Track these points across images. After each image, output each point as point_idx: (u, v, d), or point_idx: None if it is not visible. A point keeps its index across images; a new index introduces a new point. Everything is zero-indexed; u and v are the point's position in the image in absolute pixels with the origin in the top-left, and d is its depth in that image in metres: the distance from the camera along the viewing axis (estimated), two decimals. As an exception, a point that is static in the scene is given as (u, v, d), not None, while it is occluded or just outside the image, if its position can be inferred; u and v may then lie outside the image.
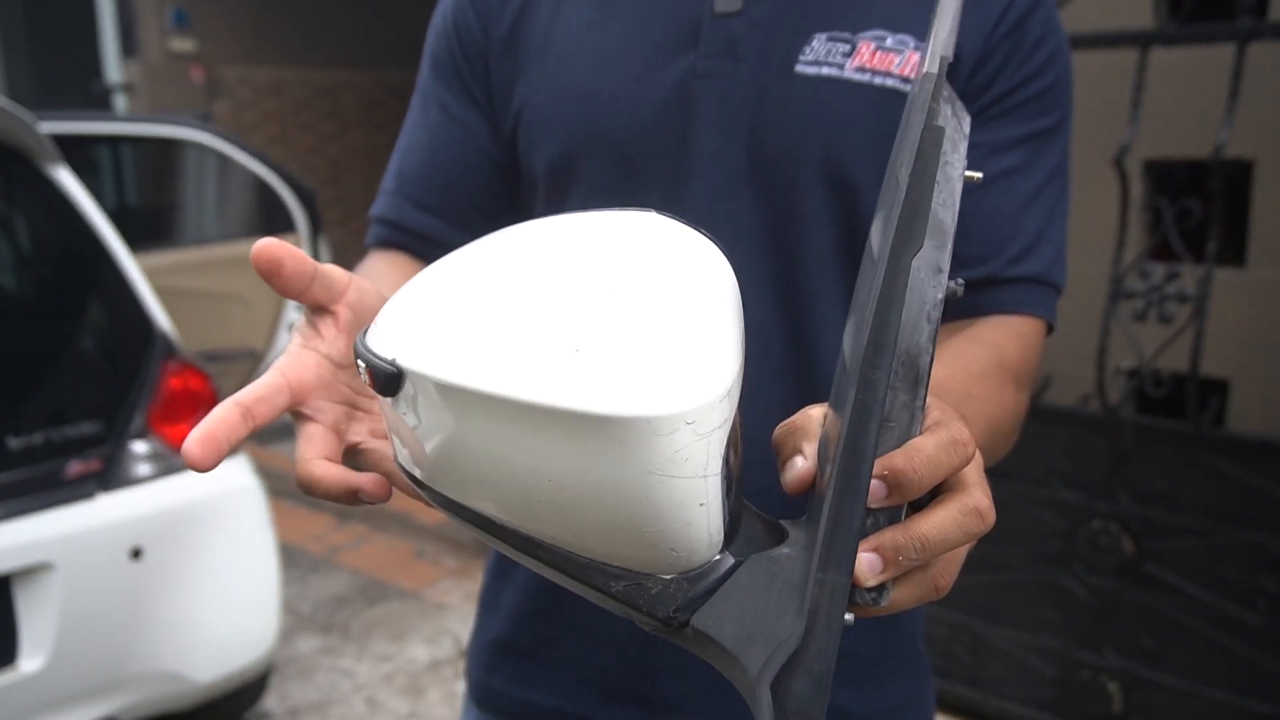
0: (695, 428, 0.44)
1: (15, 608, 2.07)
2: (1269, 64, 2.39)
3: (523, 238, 0.52)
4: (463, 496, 0.49)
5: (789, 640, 0.44)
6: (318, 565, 3.87)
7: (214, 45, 5.78)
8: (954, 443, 0.49)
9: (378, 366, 0.47)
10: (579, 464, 0.44)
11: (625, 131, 0.87)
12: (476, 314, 0.47)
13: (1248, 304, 2.57)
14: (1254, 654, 2.31)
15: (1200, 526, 2.35)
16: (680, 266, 0.49)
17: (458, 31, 0.95)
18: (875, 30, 0.83)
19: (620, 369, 0.43)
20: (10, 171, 2.39)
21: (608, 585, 0.48)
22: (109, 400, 2.33)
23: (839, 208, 0.85)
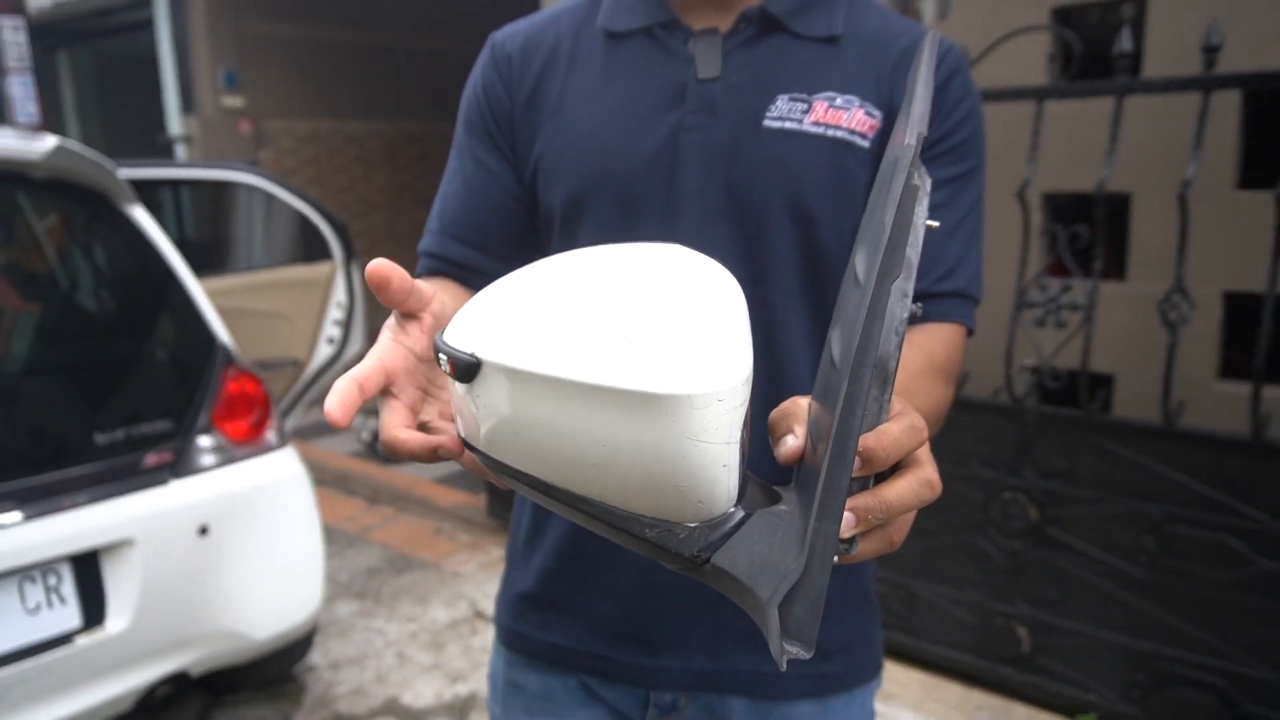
0: (724, 404, 0.47)
1: (103, 577, 2.07)
2: (1142, 113, 2.43)
3: (573, 261, 0.54)
4: (521, 463, 0.52)
5: (791, 574, 0.48)
6: (353, 541, 3.86)
7: (259, 102, 5.76)
8: (913, 429, 0.53)
9: (458, 357, 0.51)
10: (630, 432, 0.48)
11: (625, 175, 0.89)
12: (541, 315, 0.50)
13: (1128, 312, 2.59)
14: (1138, 602, 2.33)
15: (1092, 496, 2.37)
16: (704, 281, 0.52)
17: (487, 97, 0.97)
18: (828, 92, 0.86)
19: (665, 357, 0.47)
20: (94, 209, 2.39)
21: (643, 532, 0.51)
22: (178, 401, 2.33)
23: (799, 236, 0.87)
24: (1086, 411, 2.37)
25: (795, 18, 0.88)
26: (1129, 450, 2.31)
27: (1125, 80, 2.21)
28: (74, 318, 2.53)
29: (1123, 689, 2.38)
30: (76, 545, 2.02)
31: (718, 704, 0.94)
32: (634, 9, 0.91)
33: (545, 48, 0.95)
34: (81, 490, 2.07)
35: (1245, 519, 2.16)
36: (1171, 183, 2.27)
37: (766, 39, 0.88)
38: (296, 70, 5.90)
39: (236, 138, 5.61)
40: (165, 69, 5.86)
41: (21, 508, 1.97)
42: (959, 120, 0.89)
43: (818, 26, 0.88)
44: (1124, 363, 2.63)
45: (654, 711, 0.96)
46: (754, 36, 0.88)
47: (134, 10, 6.11)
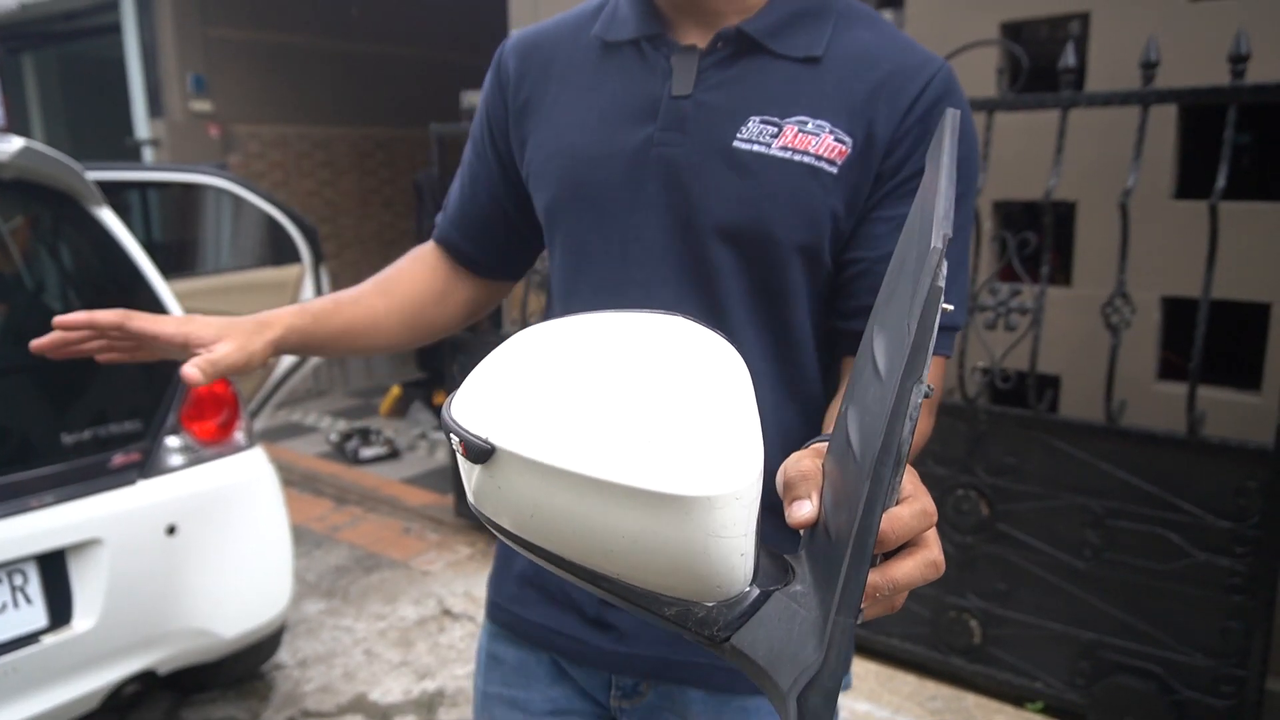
0: (740, 501, 0.48)
1: (70, 576, 2.03)
2: (1086, 126, 2.48)
3: (578, 333, 0.54)
4: (536, 539, 0.52)
5: (811, 666, 0.49)
6: (321, 541, 3.82)
7: (228, 106, 5.69)
8: (924, 513, 0.55)
9: (472, 442, 0.50)
10: (650, 527, 0.48)
11: (597, 185, 0.89)
12: (554, 401, 0.50)
13: (1074, 316, 2.63)
14: (1083, 593, 2.38)
15: (1040, 492, 2.40)
16: (714, 367, 0.52)
17: (487, 105, 1.01)
18: (799, 116, 0.83)
19: (685, 458, 0.47)
20: (61, 210, 2.35)
21: (661, 609, 0.52)
22: (146, 402, 2.29)
23: (759, 258, 0.85)
24: (1034, 411, 2.41)
25: (774, 37, 0.85)
26: (1074, 448, 2.35)
27: (1070, 94, 2.25)
28: (41, 318, 2.49)
29: (1068, 677, 2.43)
30: (43, 545, 1.99)
31: (677, 693, 0.95)
32: (627, 21, 0.90)
33: (544, 55, 0.96)
34: (48, 490, 2.03)
35: (1182, 513, 2.21)
36: (1113, 192, 2.33)
37: (744, 59, 0.86)
38: (265, 75, 5.84)
39: (205, 141, 5.54)
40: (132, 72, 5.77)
41: (-13, 507, 1.94)
42: None
43: (797, 46, 0.85)
44: (1070, 364, 2.68)
45: (617, 693, 0.98)
46: (730, 56, 0.86)
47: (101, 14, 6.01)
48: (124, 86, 5.89)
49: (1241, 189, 2.53)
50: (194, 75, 5.49)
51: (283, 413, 5.83)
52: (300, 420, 5.75)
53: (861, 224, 0.86)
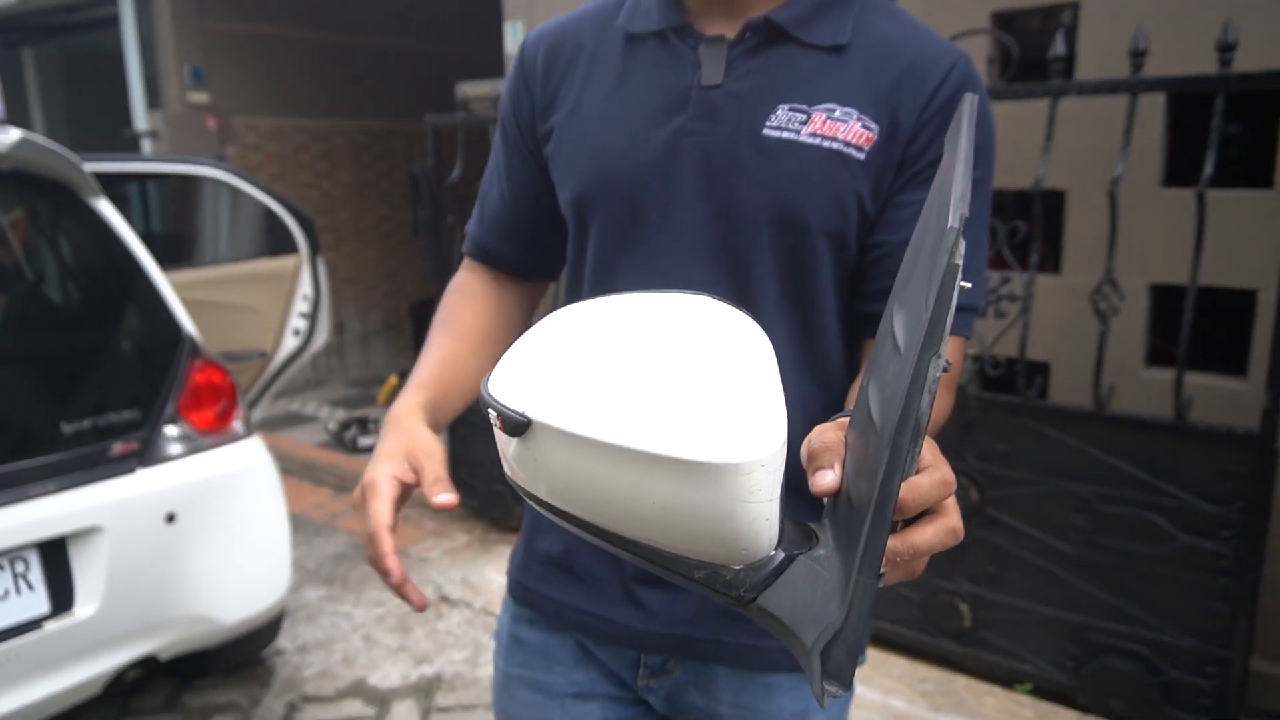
0: (765, 468, 0.50)
1: (71, 564, 2.04)
2: (1076, 115, 2.48)
3: (610, 312, 0.56)
4: (569, 507, 0.54)
5: (834, 624, 0.51)
6: (320, 529, 3.83)
7: (225, 98, 5.67)
8: (943, 482, 0.57)
9: (509, 416, 0.52)
10: (680, 493, 0.50)
11: (628, 176, 0.89)
12: (587, 375, 0.52)
13: (1063, 303, 2.63)
14: (1070, 577, 2.39)
15: (1029, 478, 2.41)
16: (739, 342, 0.54)
17: (514, 100, 0.99)
18: (827, 103, 0.84)
19: (713, 426, 0.49)
20: (60, 202, 2.35)
21: (691, 573, 0.54)
22: (145, 392, 2.30)
23: (789, 242, 0.86)
24: (1024, 397, 2.42)
25: (802, 26, 0.86)
26: (1063, 434, 2.36)
27: (1059, 83, 2.26)
28: (40, 309, 2.49)
29: (1056, 659, 2.45)
30: (44, 532, 2.00)
31: (703, 670, 0.97)
32: (650, 12, 0.90)
33: (568, 49, 0.95)
34: (49, 479, 2.04)
35: (1169, 497, 2.23)
36: (1102, 180, 2.33)
37: (772, 47, 0.86)
38: (262, 68, 5.82)
39: (203, 133, 5.53)
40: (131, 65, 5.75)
41: (-12, 495, 1.95)
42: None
43: (824, 35, 0.86)
44: (1059, 351, 2.69)
45: (644, 671, 0.99)
46: (759, 45, 0.86)
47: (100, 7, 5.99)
48: (123, 79, 5.87)
49: (1230, 177, 2.53)
50: (191, 67, 5.48)
51: (282, 402, 5.83)
52: (300, 410, 5.76)
53: (885, 209, 0.87)
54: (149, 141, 5.63)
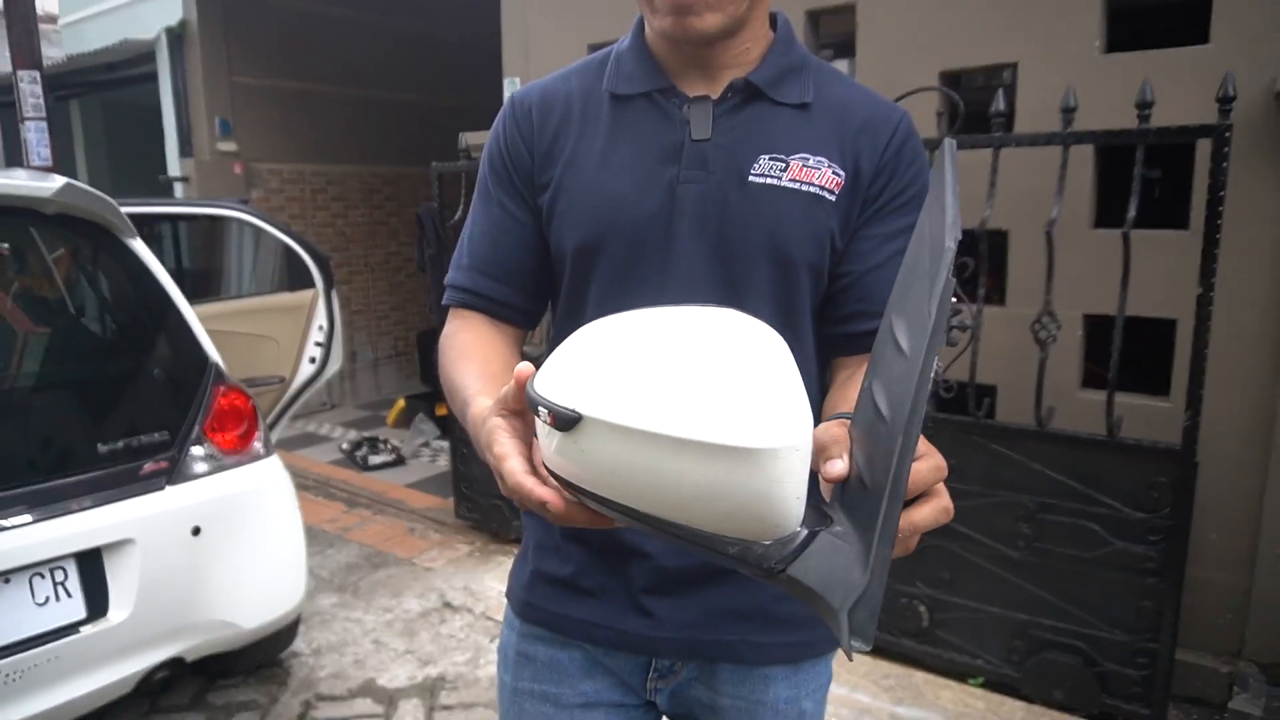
0: (799, 453, 0.52)
1: (105, 573, 2.05)
2: (1015, 163, 2.53)
3: (645, 321, 0.58)
4: (611, 494, 0.55)
5: (858, 588, 0.53)
6: (333, 541, 3.82)
7: (251, 146, 5.71)
8: (938, 468, 0.60)
9: (560, 412, 0.54)
10: (721, 477, 0.52)
11: (631, 222, 0.90)
12: (632, 373, 0.53)
13: (1008, 332, 2.67)
14: (1016, 579, 2.41)
15: (980, 490, 2.44)
16: (763, 343, 0.56)
17: (509, 148, 0.97)
18: (802, 153, 0.89)
19: (752, 416, 0.51)
20: (99, 242, 2.37)
21: (725, 549, 0.55)
22: (174, 415, 2.31)
23: (777, 274, 0.90)
24: (974, 417, 2.46)
25: (773, 87, 0.91)
26: (1009, 450, 2.39)
27: (1000, 135, 2.31)
28: (80, 339, 2.51)
29: (1004, 655, 2.46)
30: (81, 544, 2.00)
31: (708, 668, 0.98)
32: (634, 76, 0.93)
33: (560, 105, 0.96)
34: (86, 495, 2.05)
35: (1102, 506, 2.26)
36: (1040, 222, 2.38)
37: (750, 105, 0.91)
38: (284, 119, 5.87)
39: (230, 178, 5.56)
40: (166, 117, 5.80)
41: (32, 510, 1.96)
42: (913, 177, 0.93)
43: (792, 94, 0.91)
44: (1005, 375, 2.72)
45: (654, 675, 1.00)
46: (739, 103, 0.90)
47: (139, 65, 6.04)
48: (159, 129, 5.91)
49: (1154, 218, 2.59)
50: (220, 119, 5.52)
51: (299, 424, 5.83)
52: (315, 430, 5.75)
53: (851, 242, 0.92)
54: (181, 186, 5.66)
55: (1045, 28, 2.56)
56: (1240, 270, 2.32)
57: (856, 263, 0.92)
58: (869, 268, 0.91)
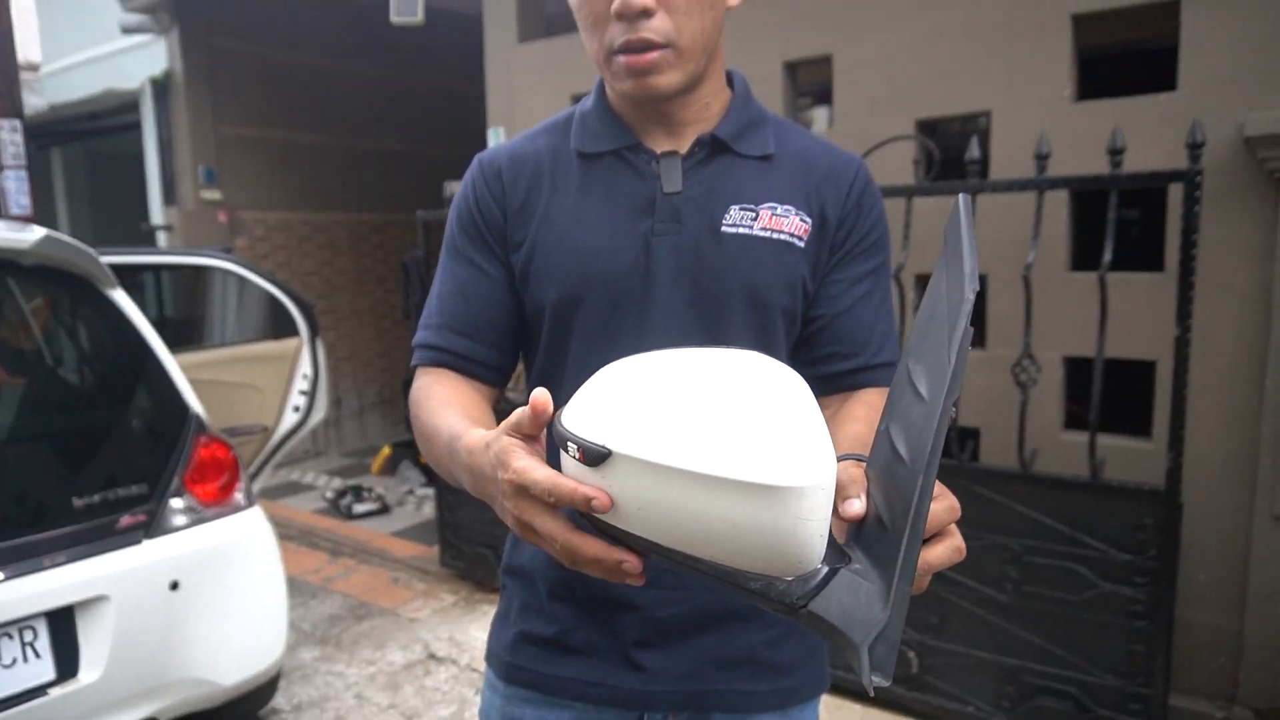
0: (824, 491, 0.53)
1: (77, 631, 1.99)
2: (991, 208, 2.57)
3: (669, 362, 0.58)
4: (637, 529, 0.56)
5: (878, 623, 0.54)
6: (316, 592, 3.75)
7: (235, 195, 5.72)
8: (951, 509, 0.62)
9: (590, 448, 0.55)
10: (749, 513, 0.52)
11: (609, 274, 0.91)
12: (661, 411, 0.54)
13: (989, 375, 2.67)
14: (1006, 624, 2.39)
15: (965, 533, 2.35)
16: (788, 385, 0.57)
17: (480, 207, 0.97)
18: (770, 203, 0.93)
19: (779, 455, 0.52)
20: (78, 292, 2.35)
21: (748, 584, 0.56)
22: (153, 466, 2.26)
23: (754, 319, 0.92)
24: (959, 460, 2.45)
25: (737, 141, 0.94)
26: (993, 492, 2.38)
27: (976, 182, 2.34)
28: (57, 390, 2.47)
29: (995, 701, 2.43)
30: (53, 602, 1.95)
31: (700, 717, 0.97)
32: (601, 135, 0.95)
33: (529, 165, 0.97)
34: (60, 550, 2.00)
35: (1089, 548, 2.25)
36: (1017, 266, 2.41)
37: (716, 159, 0.94)
38: (270, 167, 5.89)
39: (214, 227, 5.55)
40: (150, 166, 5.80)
41: (2, 568, 1.90)
42: (873, 223, 0.97)
43: (755, 147, 0.94)
44: (987, 417, 2.72)
45: None
46: (706, 157, 0.93)
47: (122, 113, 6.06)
48: (142, 177, 5.91)
49: (1132, 257, 2.62)
50: (205, 168, 5.53)
51: (282, 472, 5.75)
52: (299, 479, 5.68)
53: (821, 287, 0.95)
54: (164, 234, 5.65)
55: (1016, 77, 2.61)
56: (1217, 312, 2.35)
57: (828, 306, 0.95)
58: (840, 310, 0.95)
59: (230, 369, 3.41)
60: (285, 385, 3.47)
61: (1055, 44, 2.54)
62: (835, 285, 0.95)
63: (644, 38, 0.85)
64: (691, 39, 0.87)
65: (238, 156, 5.73)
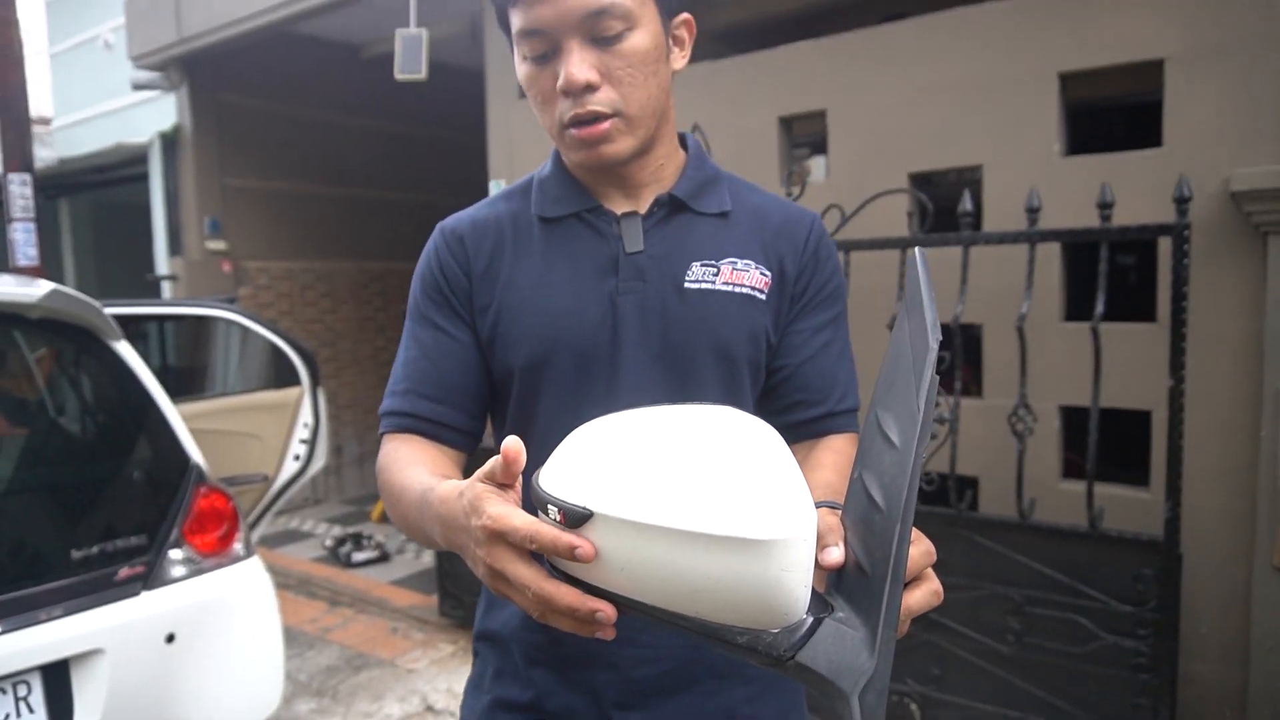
0: (806, 542, 0.54)
1: (72, 685, 1.96)
2: (986, 259, 2.60)
3: (645, 420, 0.59)
4: (620, 588, 0.56)
5: (866, 671, 0.55)
6: (313, 642, 3.70)
7: (240, 245, 5.78)
8: (928, 553, 0.64)
9: (571, 509, 0.55)
10: (733, 568, 0.53)
11: (577, 334, 0.93)
12: (640, 471, 0.54)
13: (986, 423, 2.68)
14: (1008, 675, 2.36)
15: (965, 583, 2.40)
16: (764, 438, 0.58)
17: (445, 273, 0.98)
18: (730, 258, 0.95)
19: (760, 507, 0.53)
20: (83, 344, 2.36)
21: (734, 639, 0.56)
22: (152, 517, 2.25)
23: (722, 371, 0.94)
24: (957, 510, 2.44)
25: (694, 199, 0.97)
26: (992, 542, 2.37)
27: (969, 234, 2.37)
28: (59, 441, 2.47)
29: (1000, 756, 2.38)
30: (48, 656, 1.93)
31: None
32: (561, 199, 0.97)
33: (491, 231, 0.98)
34: (56, 603, 1.98)
35: (1089, 599, 2.23)
36: (1012, 316, 2.42)
37: (676, 217, 0.96)
38: (273, 218, 5.97)
39: (218, 276, 5.60)
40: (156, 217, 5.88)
41: None
42: (830, 273, 1.00)
43: (711, 205, 0.97)
44: (985, 466, 2.71)
45: None
46: (666, 216, 0.96)
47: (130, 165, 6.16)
48: (147, 227, 5.98)
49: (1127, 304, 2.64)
50: (210, 219, 5.60)
51: (281, 520, 5.71)
52: (298, 527, 5.64)
53: (784, 337, 0.97)
54: (169, 284, 5.69)
55: (1006, 133, 2.66)
56: (1211, 362, 2.36)
57: (791, 356, 0.98)
58: (803, 359, 0.97)
59: (232, 418, 3.41)
60: (286, 434, 3.47)
61: (1043, 101, 2.59)
62: (797, 335, 0.98)
63: (591, 110, 0.87)
64: (639, 106, 0.89)
65: (242, 207, 5.80)
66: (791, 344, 0.98)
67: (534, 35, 0.87)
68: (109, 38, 6.23)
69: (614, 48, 0.86)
